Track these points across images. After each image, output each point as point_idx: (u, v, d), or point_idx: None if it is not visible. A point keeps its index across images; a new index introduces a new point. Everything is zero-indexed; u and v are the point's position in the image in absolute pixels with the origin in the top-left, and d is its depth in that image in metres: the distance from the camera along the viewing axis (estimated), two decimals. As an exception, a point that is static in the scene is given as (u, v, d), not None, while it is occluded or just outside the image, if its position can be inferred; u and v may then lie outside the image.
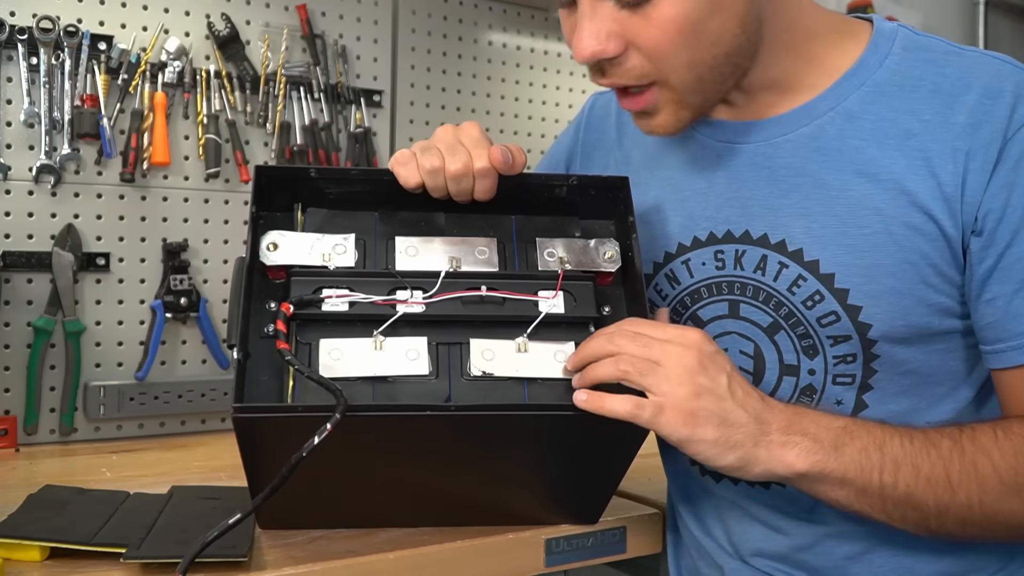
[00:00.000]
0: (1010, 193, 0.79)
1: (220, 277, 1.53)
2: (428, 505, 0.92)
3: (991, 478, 0.76)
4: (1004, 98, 0.80)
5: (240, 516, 0.77)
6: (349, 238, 0.87)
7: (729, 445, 0.76)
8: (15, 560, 0.83)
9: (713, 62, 0.81)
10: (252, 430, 0.76)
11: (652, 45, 0.80)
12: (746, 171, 0.90)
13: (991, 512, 0.77)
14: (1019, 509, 0.77)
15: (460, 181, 0.85)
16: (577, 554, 0.98)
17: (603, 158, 1.06)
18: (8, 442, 1.35)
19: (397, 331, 0.83)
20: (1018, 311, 0.80)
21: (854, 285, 0.84)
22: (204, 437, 1.48)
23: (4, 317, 1.36)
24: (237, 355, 0.78)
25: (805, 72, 0.88)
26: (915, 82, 0.84)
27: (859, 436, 0.78)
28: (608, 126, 1.06)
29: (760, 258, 0.88)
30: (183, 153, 1.50)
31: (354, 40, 1.65)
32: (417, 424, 0.78)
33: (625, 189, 0.91)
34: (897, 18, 2.33)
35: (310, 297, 0.83)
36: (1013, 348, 0.80)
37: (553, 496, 0.94)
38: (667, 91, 0.83)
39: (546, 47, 1.91)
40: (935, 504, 0.77)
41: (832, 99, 0.87)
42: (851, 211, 0.84)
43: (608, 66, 0.82)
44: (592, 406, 0.76)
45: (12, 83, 1.37)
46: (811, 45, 0.88)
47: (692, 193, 0.94)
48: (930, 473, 0.77)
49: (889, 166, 0.83)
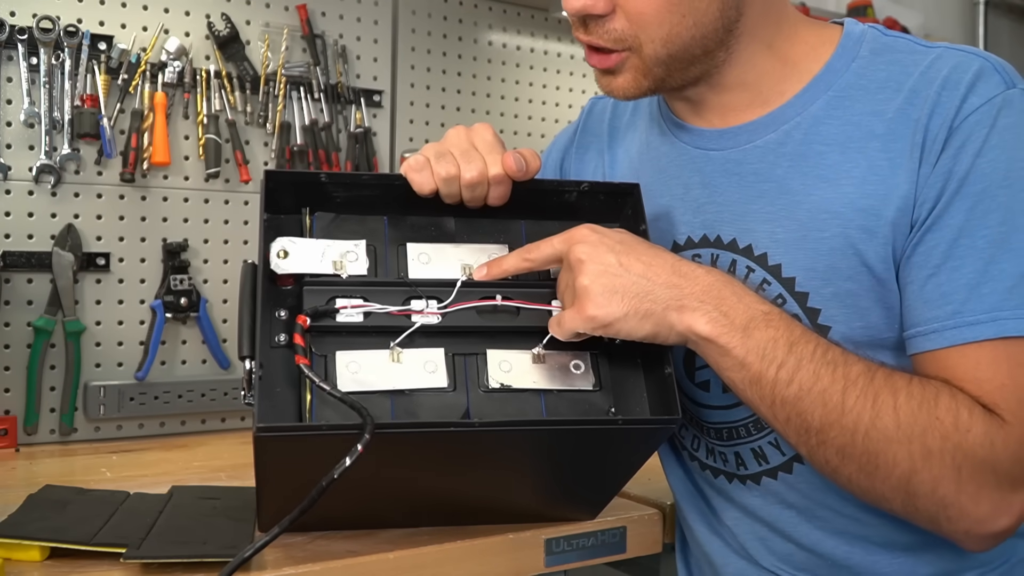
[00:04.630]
0: (945, 181, 0.78)
1: (220, 277, 1.53)
2: (432, 507, 0.92)
3: (887, 416, 0.74)
4: (959, 88, 0.80)
5: (274, 534, 0.75)
6: (360, 244, 0.85)
7: (640, 314, 0.78)
8: (15, 560, 0.83)
9: (689, 42, 0.83)
10: (273, 447, 0.75)
11: (639, 10, 0.82)
12: (718, 177, 0.91)
13: (874, 449, 0.74)
14: (903, 457, 0.74)
15: (475, 189, 0.85)
16: (577, 554, 0.98)
17: (594, 159, 1.07)
18: (8, 442, 1.35)
19: (413, 342, 0.82)
20: (928, 296, 0.78)
21: (812, 288, 0.84)
22: (204, 437, 1.48)
23: (4, 317, 1.37)
24: (251, 368, 0.77)
25: (780, 75, 0.88)
26: (880, 83, 0.84)
27: (775, 327, 0.76)
28: (602, 130, 1.08)
29: (730, 262, 0.89)
30: (183, 153, 1.50)
31: (354, 40, 1.65)
32: (438, 438, 0.78)
33: (634, 196, 0.91)
34: (897, 18, 2.33)
35: (325, 308, 0.81)
36: (921, 335, 0.79)
37: (560, 496, 0.94)
38: (636, 58, 0.85)
39: (546, 47, 1.91)
40: (820, 418, 0.75)
41: (799, 105, 0.87)
42: (811, 216, 0.84)
43: (592, 23, 0.84)
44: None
45: (12, 83, 1.37)
46: (790, 47, 0.89)
47: (671, 199, 0.95)
48: (828, 387, 0.75)
49: (850, 170, 0.83)
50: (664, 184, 0.96)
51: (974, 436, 0.73)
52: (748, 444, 0.91)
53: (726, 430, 0.92)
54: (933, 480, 0.74)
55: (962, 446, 0.73)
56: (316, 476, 0.77)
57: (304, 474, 0.79)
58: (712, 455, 0.95)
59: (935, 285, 0.78)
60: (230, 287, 1.54)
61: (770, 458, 0.90)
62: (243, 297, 0.81)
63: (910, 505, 0.76)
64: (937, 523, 0.76)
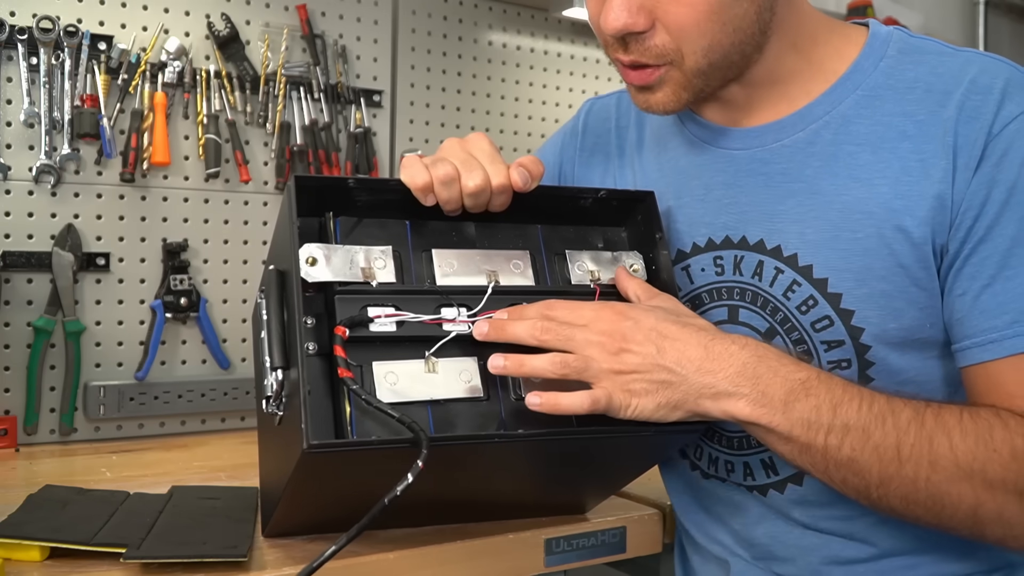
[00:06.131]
0: (990, 190, 0.78)
1: (220, 277, 1.53)
2: (442, 508, 0.92)
3: (945, 458, 0.74)
4: (992, 95, 0.80)
5: (341, 543, 0.74)
6: (387, 251, 0.84)
7: (672, 406, 0.76)
8: (15, 560, 0.83)
9: (729, 48, 0.82)
10: (319, 463, 0.74)
11: (680, 23, 0.80)
12: (743, 177, 0.90)
13: (937, 492, 0.75)
14: (967, 494, 0.74)
15: (478, 197, 0.83)
16: (577, 554, 0.98)
17: (602, 163, 1.06)
18: (8, 442, 1.35)
19: (446, 351, 0.81)
20: (985, 307, 0.78)
21: (846, 289, 0.84)
22: (204, 437, 1.48)
23: (4, 317, 1.37)
24: (282, 379, 0.76)
25: (807, 73, 0.88)
26: (909, 84, 0.84)
27: (815, 393, 0.75)
28: (607, 131, 1.06)
29: (757, 264, 0.89)
30: (183, 153, 1.50)
31: (354, 40, 1.65)
32: (479, 448, 0.77)
33: (648, 203, 0.91)
34: (897, 18, 2.34)
35: (360, 318, 0.80)
36: (978, 344, 0.79)
37: (567, 493, 0.95)
38: (676, 72, 0.83)
39: (546, 47, 1.91)
40: (879, 473, 0.75)
41: (827, 104, 0.87)
42: (844, 216, 0.84)
43: (632, 41, 0.82)
44: (548, 407, 0.76)
45: (12, 83, 1.37)
46: (813, 46, 0.88)
47: (690, 199, 0.94)
48: (880, 441, 0.74)
49: (883, 171, 0.83)
50: (683, 184, 0.94)
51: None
52: (759, 455, 0.91)
53: (737, 439, 0.92)
54: (998, 508, 0.75)
55: (1023, 473, 0.74)
56: (348, 488, 0.77)
57: (337, 487, 0.78)
58: (715, 465, 0.95)
59: (991, 295, 0.78)
60: (230, 287, 1.54)
61: (779, 469, 0.90)
62: (270, 306, 0.80)
63: (977, 532, 0.77)
64: (1004, 543, 0.77)
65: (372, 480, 0.74)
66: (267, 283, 0.81)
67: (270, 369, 0.77)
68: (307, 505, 0.84)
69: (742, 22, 0.81)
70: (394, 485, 0.71)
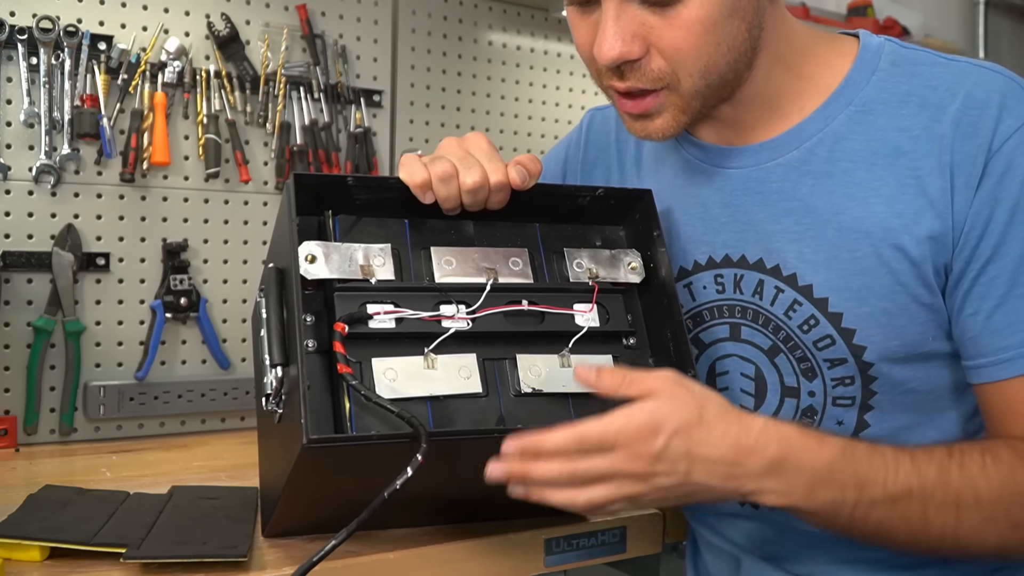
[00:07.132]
0: (993, 208, 0.78)
1: (220, 277, 1.53)
2: (439, 507, 0.92)
3: (971, 512, 0.75)
4: (990, 109, 0.79)
5: (341, 538, 0.74)
6: (385, 249, 0.84)
7: (696, 500, 0.76)
8: (15, 560, 0.83)
9: (724, 68, 0.82)
10: (319, 458, 0.74)
11: (675, 47, 0.79)
12: (739, 196, 0.90)
13: (964, 541, 0.76)
14: (992, 537, 0.76)
15: (476, 194, 0.83)
16: (577, 554, 0.98)
17: (604, 176, 1.06)
18: (8, 442, 1.35)
19: (444, 347, 0.82)
20: (998, 326, 0.79)
21: (847, 309, 0.84)
22: (204, 437, 1.48)
23: (4, 317, 1.36)
24: (281, 376, 0.77)
25: (797, 90, 0.87)
26: (903, 98, 0.83)
27: (840, 475, 0.74)
28: (608, 144, 1.06)
29: (757, 283, 0.89)
30: (183, 153, 1.50)
31: (354, 40, 1.65)
32: (478, 444, 0.77)
33: (645, 201, 0.91)
34: (897, 18, 2.33)
35: (359, 314, 0.80)
36: (992, 363, 0.79)
37: None
38: (674, 95, 0.83)
39: (546, 47, 1.91)
40: (905, 537, 0.76)
41: (820, 121, 0.86)
42: (842, 235, 0.83)
43: (628, 69, 0.81)
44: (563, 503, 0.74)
45: (12, 83, 1.36)
46: (803, 61, 0.88)
47: (689, 218, 0.94)
48: (906, 510, 0.75)
49: (879, 188, 0.82)
50: (681, 203, 0.94)
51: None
52: None
53: None
54: (1022, 541, 0.76)
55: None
56: (348, 485, 0.77)
57: (336, 484, 0.79)
58: None
59: (1003, 315, 0.78)
60: (230, 287, 1.54)
61: None
62: (269, 304, 0.80)
63: (1003, 559, 0.79)
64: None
65: (371, 477, 0.74)
66: (266, 281, 0.81)
67: (270, 366, 0.78)
68: (307, 503, 0.84)
69: (735, 40, 0.81)
70: (393, 481, 0.71)
